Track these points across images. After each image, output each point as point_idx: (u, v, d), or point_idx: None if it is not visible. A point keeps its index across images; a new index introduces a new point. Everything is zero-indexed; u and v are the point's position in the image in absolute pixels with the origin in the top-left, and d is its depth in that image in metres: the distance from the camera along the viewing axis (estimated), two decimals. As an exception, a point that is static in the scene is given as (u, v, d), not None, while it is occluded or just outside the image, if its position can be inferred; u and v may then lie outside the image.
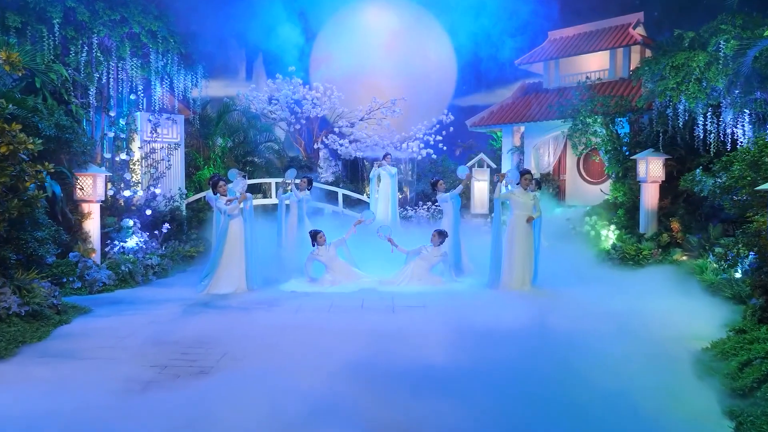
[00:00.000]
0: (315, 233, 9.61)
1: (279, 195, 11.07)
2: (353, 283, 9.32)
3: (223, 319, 7.06)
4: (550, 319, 7.09)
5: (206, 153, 14.59)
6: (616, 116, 13.03)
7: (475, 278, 9.96)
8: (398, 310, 7.81)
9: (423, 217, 15.44)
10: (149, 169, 12.44)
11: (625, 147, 13.00)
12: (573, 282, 9.64)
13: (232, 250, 8.87)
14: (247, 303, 8.13)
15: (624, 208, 12.27)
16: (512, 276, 8.88)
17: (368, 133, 17.98)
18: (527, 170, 9.12)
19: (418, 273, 9.45)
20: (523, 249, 8.85)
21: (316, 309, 7.77)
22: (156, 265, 10.31)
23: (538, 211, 9.00)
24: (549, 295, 8.69)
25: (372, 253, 10.33)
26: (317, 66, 19.63)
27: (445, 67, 20.41)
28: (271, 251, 10.65)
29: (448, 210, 10.60)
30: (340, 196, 15.31)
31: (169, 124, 12.74)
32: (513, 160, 16.82)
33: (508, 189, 11.12)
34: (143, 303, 8.07)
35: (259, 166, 15.90)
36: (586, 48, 15.64)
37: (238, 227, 8.92)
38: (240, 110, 16.13)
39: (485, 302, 8.17)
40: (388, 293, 8.77)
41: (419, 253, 9.57)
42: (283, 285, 9.37)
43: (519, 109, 16.64)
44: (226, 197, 8.96)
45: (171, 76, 11.70)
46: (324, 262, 9.55)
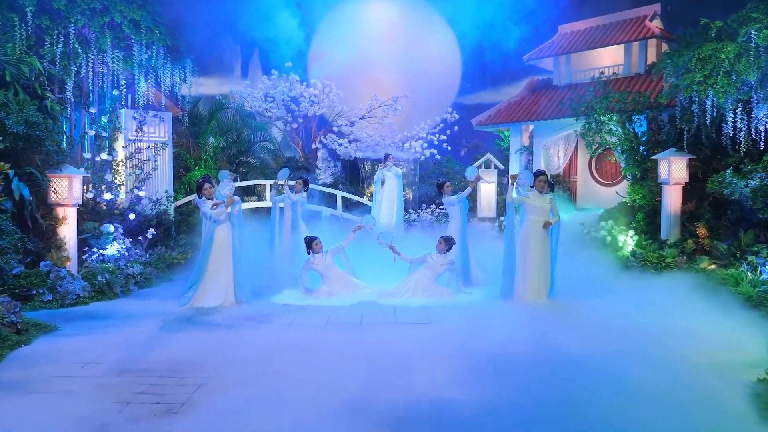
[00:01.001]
0: (310, 240, 8.86)
1: (272, 197, 10.31)
2: (352, 294, 8.58)
3: (205, 339, 6.30)
4: (572, 340, 6.33)
5: (197, 153, 13.85)
6: (634, 114, 12.26)
7: (484, 289, 9.20)
8: (401, 326, 7.07)
9: (427, 221, 14.68)
10: (134, 171, 11.70)
11: (642, 147, 12.25)
12: (591, 293, 8.91)
13: (219, 259, 8.12)
14: (233, 318, 7.38)
15: (643, 212, 11.51)
16: (527, 286, 8.13)
17: (369, 132, 17.26)
18: (542, 171, 8.36)
19: (423, 283, 8.69)
20: (538, 257, 8.10)
21: (311, 326, 7.03)
22: (138, 274, 9.56)
23: (555, 215, 8.25)
24: (567, 309, 7.94)
25: (372, 262, 9.58)
26: (315, 62, 18.93)
27: (449, 63, 19.69)
28: (263, 259, 9.90)
29: (455, 214, 9.85)
30: (339, 198, 14.57)
31: (155, 122, 12.01)
32: (521, 161, 16.07)
33: (520, 192, 10.49)
34: (118, 318, 7.32)
35: (253, 167, 15.17)
36: (599, 42, 14.90)
37: (226, 234, 8.17)
38: (234, 108, 15.39)
39: (498, 317, 7.40)
40: (390, 307, 8.02)
41: (424, 261, 8.82)
42: (276, 297, 8.62)
43: (527, 106, 15.90)
44: (212, 201, 8.21)
45: (157, 71, 10.95)
46: (320, 272, 8.81)
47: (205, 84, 19.58)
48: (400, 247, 9.05)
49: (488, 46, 18.88)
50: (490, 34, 18.93)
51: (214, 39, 19.25)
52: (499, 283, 9.07)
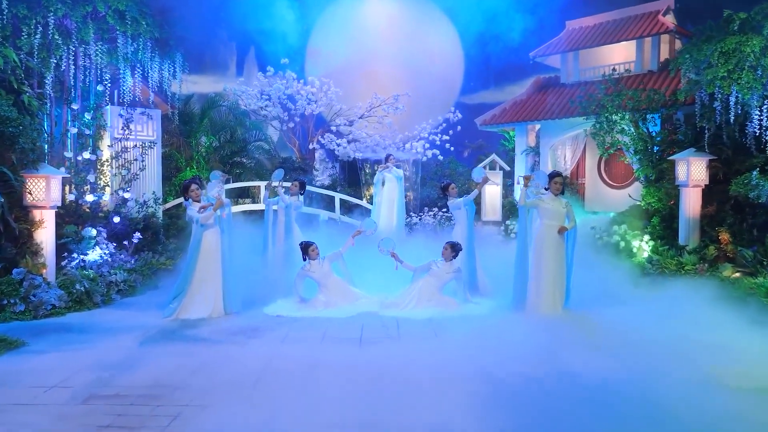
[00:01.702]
0: (306, 245, 8.27)
1: (265, 199, 9.72)
2: (351, 305, 7.99)
3: (188, 357, 5.71)
4: (593, 358, 5.76)
5: (188, 153, 13.25)
6: (648, 112, 11.69)
7: (493, 298, 8.63)
8: (405, 342, 6.50)
9: (429, 225, 14.09)
10: (120, 171, 11.10)
11: (656, 147, 11.67)
12: (607, 303, 8.37)
13: (207, 267, 7.53)
14: (221, 332, 6.79)
15: (659, 216, 10.92)
16: (540, 297, 7.54)
17: (368, 132, 16.68)
18: (557, 172, 7.78)
19: (427, 293, 8.10)
20: (553, 265, 7.51)
21: (305, 341, 6.45)
22: (121, 281, 8.97)
23: (571, 220, 7.66)
24: (584, 322, 7.36)
25: (373, 269, 8.99)
26: (313, 59, 18.36)
27: (451, 60, 19.13)
28: (255, 266, 9.32)
29: (461, 218, 9.27)
30: (337, 201, 13.97)
31: (143, 120, 11.43)
32: (527, 162, 15.49)
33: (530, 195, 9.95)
34: (95, 332, 6.72)
35: (247, 168, 14.58)
36: (609, 38, 14.33)
37: (214, 239, 7.58)
38: (227, 106, 14.79)
39: (510, 332, 6.81)
40: (392, 319, 7.44)
41: (428, 269, 8.23)
42: (268, 307, 8.03)
43: (534, 105, 15.32)
44: (199, 204, 7.61)
45: (144, 65, 10.36)
46: (317, 280, 8.22)
47: (199, 82, 19.03)
48: (401, 252, 8.47)
49: (492, 41, 18.31)
50: (493, 27, 18.37)
51: (207, 35, 18.69)
52: (507, 292, 8.53)
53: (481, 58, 19.34)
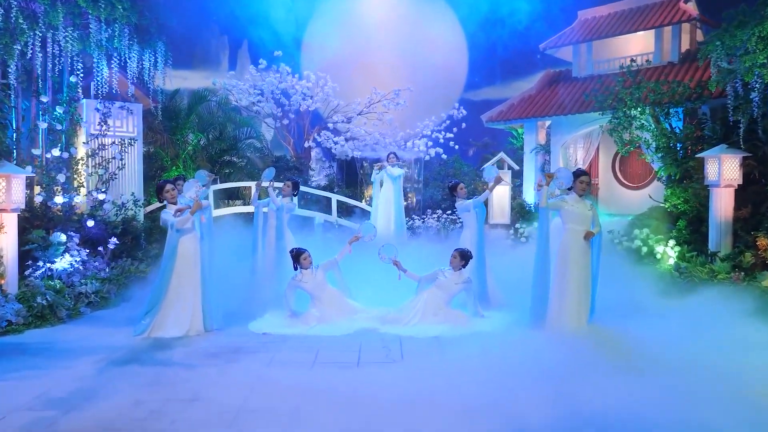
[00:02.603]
0: (298, 253, 7.41)
1: (254, 201, 8.86)
2: (347, 320, 7.14)
3: (153, 388, 4.86)
4: (629, 385, 4.96)
5: (173, 151, 12.40)
6: (671, 106, 10.85)
7: (506, 312, 7.76)
8: (409, 364, 5.70)
9: (433, 228, 13.23)
10: (97, 170, 10.25)
11: (679, 144, 10.82)
12: (635, 315, 7.55)
13: (184, 277, 6.68)
14: (198, 354, 5.93)
15: (685, 219, 10.08)
16: (563, 312, 6.67)
17: (367, 129, 15.85)
18: (583, 170, 6.92)
19: (434, 306, 7.24)
20: (578, 276, 6.65)
21: (294, 364, 5.62)
22: (93, 292, 8.13)
23: (597, 224, 6.81)
24: (613, 340, 6.51)
25: (372, 279, 8.14)
26: (309, 53, 17.54)
27: (455, 54, 18.32)
28: (242, 275, 8.48)
29: (471, 221, 8.42)
30: (334, 202, 13.12)
31: (123, 115, 10.59)
32: (537, 161, 14.66)
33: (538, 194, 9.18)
34: (51, 354, 5.87)
35: (238, 167, 13.72)
36: (625, 28, 13.50)
37: (192, 246, 6.73)
38: (217, 102, 13.92)
39: (531, 352, 5.97)
40: (394, 337, 6.59)
41: (435, 279, 7.37)
42: (254, 323, 7.17)
43: (544, 101, 14.49)
44: (175, 206, 6.76)
45: (121, 54, 9.50)
46: (309, 292, 7.36)
47: (189, 78, 18.25)
48: (400, 259, 7.59)
49: (497, 33, 17.51)
50: (499, 17, 17.53)
51: (197, 27, 17.88)
52: (522, 304, 7.67)
53: (487, 52, 18.57)
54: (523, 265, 9.39)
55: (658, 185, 12.12)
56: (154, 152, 12.67)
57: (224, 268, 8.65)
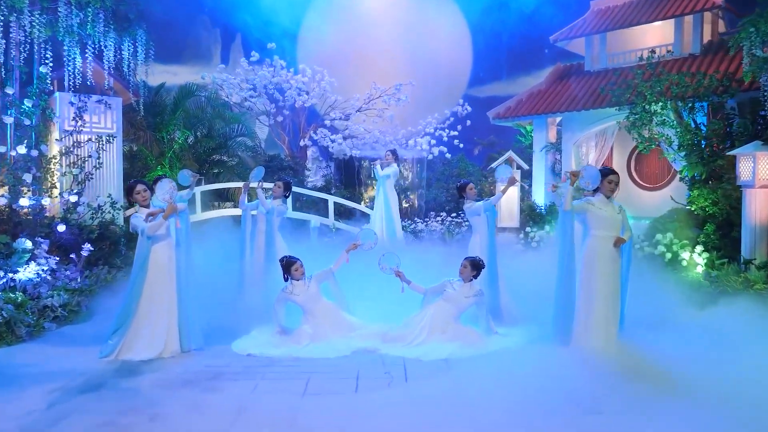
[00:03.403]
0: (289, 262, 6.64)
1: (242, 203, 8.09)
2: (343, 338, 6.36)
3: (113, 426, 4.08)
4: (673, 421, 4.23)
5: (157, 149, 11.63)
6: (696, 100, 10.09)
7: (521, 327, 6.99)
8: (414, 391, 4.96)
9: (437, 232, 12.46)
10: (71, 169, 9.49)
11: (703, 141, 10.07)
12: (667, 329, 6.80)
13: (157, 291, 5.91)
14: (171, 381, 5.16)
15: (714, 223, 9.32)
16: (590, 327, 5.89)
17: (367, 127, 15.09)
18: (611, 169, 6.15)
19: (441, 322, 6.47)
20: (606, 287, 5.87)
21: (282, 392, 4.87)
22: (60, 305, 7.35)
23: (627, 230, 6.05)
24: (647, 361, 5.74)
25: (372, 289, 7.38)
26: (305, 47, 16.79)
27: (458, 48, 17.57)
28: (227, 286, 7.71)
29: (481, 226, 7.65)
30: (331, 204, 12.35)
31: (100, 110, 9.85)
32: (547, 160, 13.90)
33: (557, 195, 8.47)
34: (-1, 382, 5.08)
35: (228, 167, 12.95)
36: (642, 17, 12.76)
37: (166, 255, 5.95)
38: (206, 97, 13.15)
39: (553, 375, 5.23)
40: (398, 359, 5.83)
41: (442, 292, 6.60)
42: (238, 342, 6.39)
43: (554, 96, 13.75)
44: (147, 209, 5.98)
45: (95, 41, 8.73)
46: (301, 305, 6.60)
47: (179, 73, 17.52)
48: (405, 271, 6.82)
49: (503, 24, 16.73)
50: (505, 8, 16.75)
51: (187, 19, 17.11)
52: (539, 318, 6.96)
53: (491, 44, 17.77)
54: (535, 273, 8.67)
55: (679, 185, 11.38)
56: (138, 151, 11.91)
57: (206, 279, 7.91)
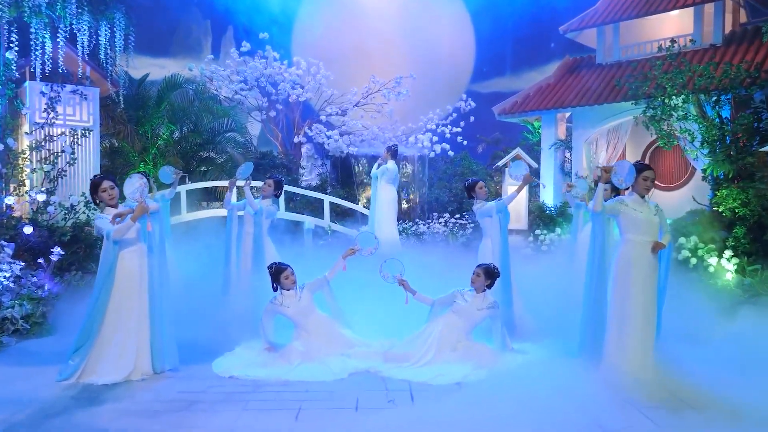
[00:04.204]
0: (278, 269, 5.91)
1: (227, 202, 7.35)
2: (340, 357, 5.63)
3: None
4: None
5: (139, 145, 10.89)
6: (721, 93, 9.41)
7: (538, 342, 6.28)
8: (423, 416, 4.28)
9: (439, 234, 11.74)
10: (42, 165, 8.74)
11: (728, 137, 9.39)
12: (703, 346, 6.05)
13: (125, 304, 5.17)
14: (136, 411, 4.43)
15: (744, 225, 8.63)
16: (624, 346, 5.14)
17: (365, 123, 14.37)
18: (646, 164, 5.42)
19: (451, 339, 5.75)
20: (643, 300, 5.14)
21: (268, 427, 4.13)
22: (22, 317, 6.61)
23: (665, 232, 5.33)
24: (688, 384, 5.02)
25: (372, 299, 6.64)
26: (300, 39, 16.06)
27: (461, 40, 16.84)
28: (210, 296, 6.98)
29: (492, 228, 6.96)
30: (327, 204, 11.62)
31: (75, 101, 9.11)
32: (556, 158, 13.21)
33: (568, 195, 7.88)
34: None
35: (217, 164, 12.21)
36: (659, 6, 12.09)
37: (136, 262, 5.21)
38: (193, 90, 12.40)
39: (580, 402, 4.57)
40: (402, 383, 5.11)
41: (452, 303, 5.88)
42: (220, 361, 5.65)
43: (564, 90, 13.07)
44: (116, 209, 5.24)
45: (67, 24, 7.99)
46: (292, 319, 5.87)
47: (168, 66, 16.80)
48: None
49: (509, 15, 16.01)
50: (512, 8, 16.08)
51: (177, 10, 16.37)
52: (556, 332, 6.30)
53: (496, 37, 17.06)
54: (548, 280, 8.03)
55: (699, 185, 10.73)
56: (120, 147, 11.16)
57: (187, 287, 7.26)
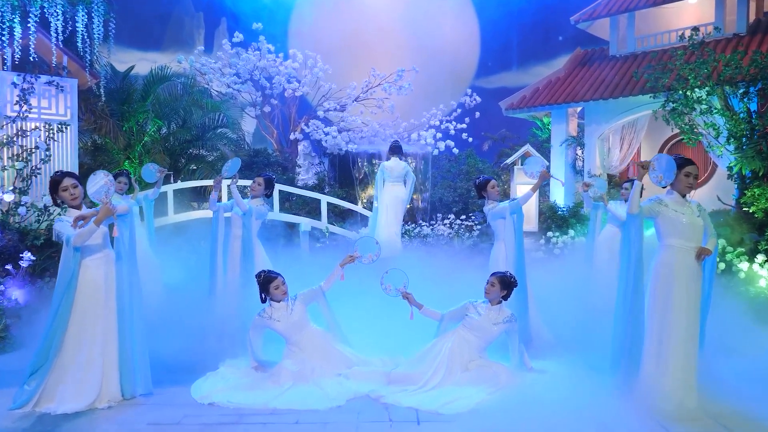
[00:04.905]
0: (267, 278, 5.27)
1: (212, 203, 6.70)
2: (336, 379, 4.99)
3: None
4: None
5: (123, 141, 10.25)
6: (750, 85, 8.78)
7: (557, 357, 5.66)
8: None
9: (443, 237, 11.09)
10: (13, 163, 8.10)
11: (757, 131, 8.76)
12: (742, 358, 5.53)
13: (88, 321, 4.53)
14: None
15: (778, 228, 7.99)
16: (664, 367, 4.47)
17: (364, 119, 13.73)
18: (687, 159, 4.76)
19: (463, 357, 5.11)
20: (686, 314, 4.50)
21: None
22: (-18, 331, 5.94)
23: (711, 235, 4.68)
24: (740, 412, 4.40)
25: (372, 310, 6.01)
26: (297, 29, 15.44)
27: (465, 34, 16.23)
28: (193, 307, 6.34)
29: (506, 231, 6.33)
30: (324, 205, 10.98)
31: (50, 93, 8.47)
32: (567, 156, 12.57)
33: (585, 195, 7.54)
34: None
35: (207, 162, 11.56)
36: (677, -7, 11.45)
37: (101, 272, 4.59)
38: (181, 83, 11.75)
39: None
40: (409, 412, 4.47)
41: (464, 317, 5.24)
42: (200, 384, 5.01)
43: (575, 84, 12.45)
44: (79, 211, 4.61)
45: (36, 6, 7.35)
46: (283, 334, 5.24)
47: (159, 61, 16.11)
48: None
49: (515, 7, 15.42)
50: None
51: (169, 2, 15.74)
52: (576, 345, 5.79)
53: (501, 28, 16.42)
54: (563, 286, 7.47)
55: (721, 183, 10.12)
56: (103, 143, 10.52)
57: (170, 296, 6.66)
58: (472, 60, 16.76)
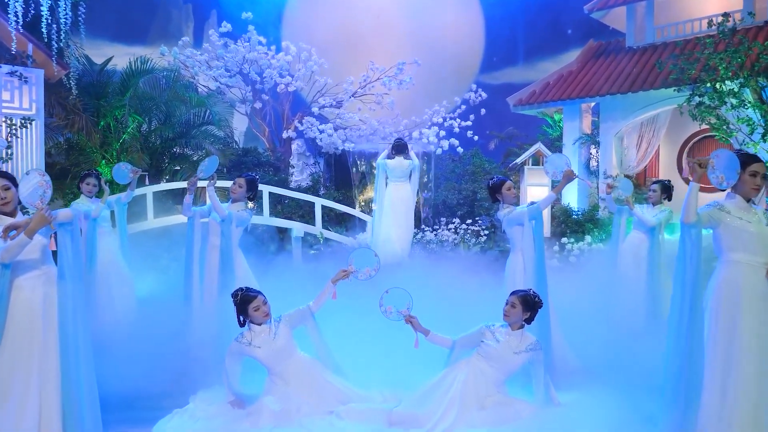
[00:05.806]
0: (245, 298, 4.49)
1: (187, 208, 5.92)
2: (326, 419, 4.23)
3: None
4: None
5: (98, 138, 9.49)
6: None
7: (585, 388, 4.85)
8: None
9: (448, 243, 10.31)
10: (-30, 162, 7.35)
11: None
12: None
13: (23, 351, 3.75)
14: None
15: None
16: (729, 406, 3.67)
17: (363, 116, 13.01)
18: (752, 155, 3.98)
19: (478, 392, 4.33)
20: (758, 344, 3.69)
21: None
22: None
23: (782, 249, 3.89)
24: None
25: (371, 333, 5.22)
26: (290, 20, 14.77)
27: (469, 25, 15.61)
28: (165, 327, 5.57)
29: (524, 240, 5.57)
30: (318, 208, 10.22)
31: (13, 85, 7.70)
32: (581, 155, 11.81)
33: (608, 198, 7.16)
34: None
35: (192, 162, 10.81)
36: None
37: (39, 294, 3.81)
38: (164, 76, 10.98)
39: None
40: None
41: (479, 343, 4.45)
42: (162, 426, 4.22)
43: (589, 78, 11.74)
44: (11, 219, 3.82)
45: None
46: (263, 362, 4.48)
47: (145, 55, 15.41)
48: None
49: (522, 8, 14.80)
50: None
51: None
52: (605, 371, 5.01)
53: (506, 21, 15.74)
54: (584, 299, 6.75)
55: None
56: (77, 141, 9.75)
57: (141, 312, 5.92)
58: (476, 54, 16.11)
